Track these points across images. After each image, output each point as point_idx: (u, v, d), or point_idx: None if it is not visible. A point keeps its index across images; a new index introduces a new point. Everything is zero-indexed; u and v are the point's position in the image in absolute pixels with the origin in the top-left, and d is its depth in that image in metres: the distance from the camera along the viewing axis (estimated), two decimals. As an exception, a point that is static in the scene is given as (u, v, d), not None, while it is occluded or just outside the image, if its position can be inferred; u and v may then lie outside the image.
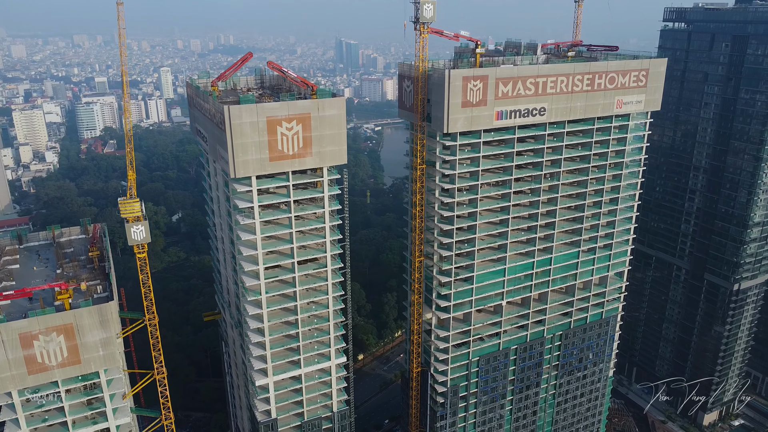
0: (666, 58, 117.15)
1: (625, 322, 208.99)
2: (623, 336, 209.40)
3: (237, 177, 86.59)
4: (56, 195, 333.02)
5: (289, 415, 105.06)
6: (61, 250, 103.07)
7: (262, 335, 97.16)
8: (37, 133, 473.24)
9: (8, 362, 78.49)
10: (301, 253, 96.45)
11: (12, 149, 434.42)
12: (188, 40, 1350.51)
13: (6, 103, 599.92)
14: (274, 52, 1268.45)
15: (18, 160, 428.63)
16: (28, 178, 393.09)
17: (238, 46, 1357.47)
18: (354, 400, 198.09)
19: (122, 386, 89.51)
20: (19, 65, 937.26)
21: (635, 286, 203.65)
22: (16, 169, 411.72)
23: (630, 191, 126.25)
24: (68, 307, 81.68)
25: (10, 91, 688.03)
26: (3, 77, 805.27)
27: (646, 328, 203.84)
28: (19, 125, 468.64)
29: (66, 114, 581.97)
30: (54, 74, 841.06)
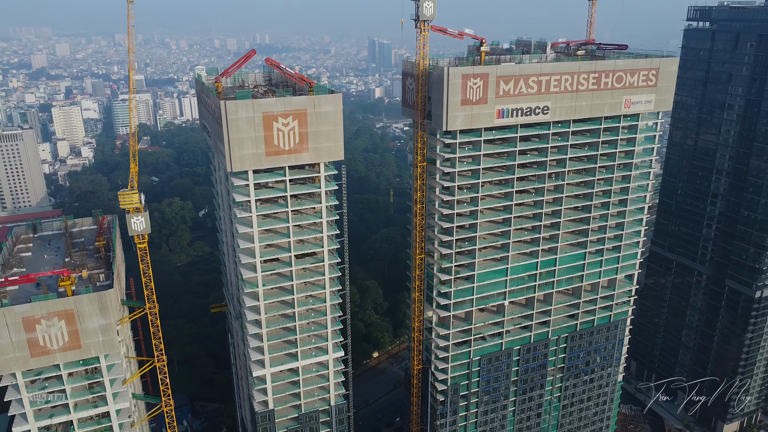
0: (677, 57, 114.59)
1: (644, 328, 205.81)
2: (642, 342, 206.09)
3: (234, 171, 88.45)
4: (88, 189, 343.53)
5: (286, 406, 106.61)
6: (72, 240, 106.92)
7: (260, 327, 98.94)
8: (75, 129, 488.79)
9: (12, 344, 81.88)
10: (299, 247, 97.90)
11: (50, 144, 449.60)
12: (225, 40, 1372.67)
13: (48, 100, 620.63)
14: (308, 51, 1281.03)
15: (55, 154, 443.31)
16: (64, 172, 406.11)
17: (274, 45, 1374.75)
18: (367, 398, 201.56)
19: (122, 372, 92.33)
20: (62, 63, 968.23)
21: (655, 291, 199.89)
22: (53, 163, 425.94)
23: (640, 193, 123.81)
24: (70, 293, 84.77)
25: (52, 87, 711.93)
26: (47, 75, 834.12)
27: (665, 334, 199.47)
28: (58, 121, 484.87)
29: (103, 111, 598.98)
30: (95, 72, 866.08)
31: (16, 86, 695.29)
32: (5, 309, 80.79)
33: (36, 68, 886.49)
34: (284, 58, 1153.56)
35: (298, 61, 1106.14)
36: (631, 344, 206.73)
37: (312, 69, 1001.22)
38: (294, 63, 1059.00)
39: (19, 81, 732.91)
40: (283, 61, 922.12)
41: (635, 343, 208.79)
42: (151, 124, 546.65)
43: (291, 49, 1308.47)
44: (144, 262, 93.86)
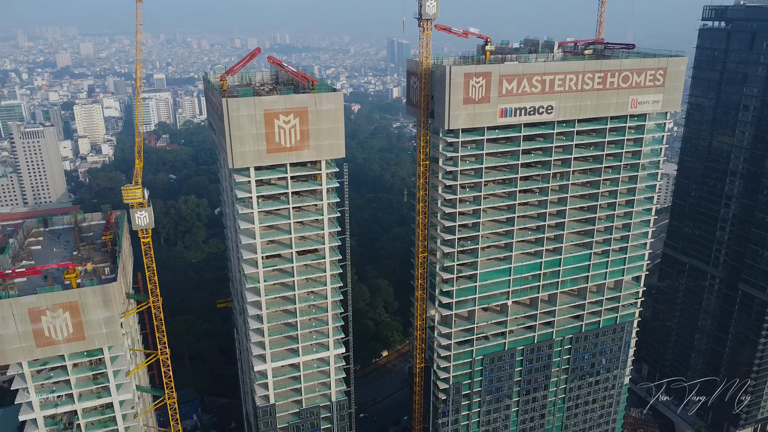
0: (686, 57, 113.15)
1: (656, 331, 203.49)
2: (654, 345, 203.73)
3: (235, 168, 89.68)
4: (107, 185, 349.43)
5: (287, 401, 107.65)
6: (81, 234, 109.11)
7: (261, 322, 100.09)
8: (96, 127, 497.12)
9: (18, 335, 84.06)
10: (300, 243, 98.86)
11: (72, 141, 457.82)
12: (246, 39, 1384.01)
13: (71, 98, 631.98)
14: (327, 51, 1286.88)
15: (77, 151, 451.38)
16: (84, 169, 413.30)
17: (293, 45, 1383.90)
18: (375, 396, 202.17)
19: (126, 364, 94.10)
20: (86, 62, 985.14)
21: (667, 294, 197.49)
22: (74, 160, 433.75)
23: (648, 194, 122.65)
24: (75, 285, 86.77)
25: (75, 86, 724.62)
26: (71, 73, 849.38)
27: (677, 337, 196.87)
28: (79, 119, 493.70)
29: (125, 109, 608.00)
30: (117, 71, 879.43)
31: (41, 84, 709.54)
32: (12, 300, 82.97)
33: (60, 67, 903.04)
34: (303, 57, 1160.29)
35: (317, 60, 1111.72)
36: (642, 347, 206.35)
37: (331, 69, 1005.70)
38: (313, 63, 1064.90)
39: (44, 79, 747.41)
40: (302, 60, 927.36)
41: (647, 347, 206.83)
42: (171, 123, 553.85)
43: (311, 49, 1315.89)
44: (148, 256, 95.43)
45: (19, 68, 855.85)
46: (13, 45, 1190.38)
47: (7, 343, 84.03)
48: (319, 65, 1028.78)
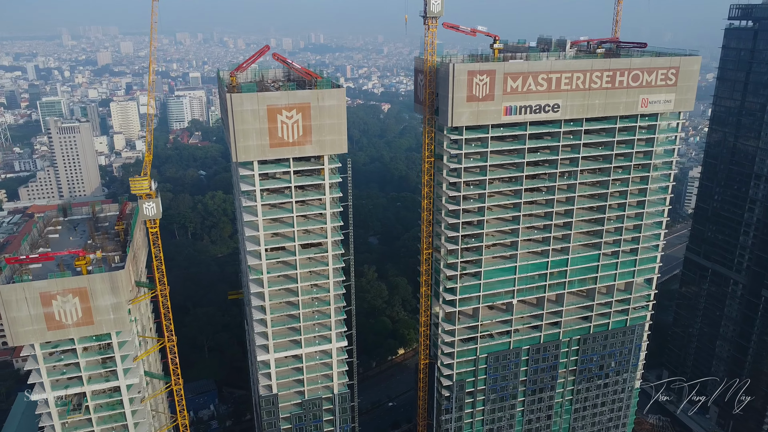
0: (699, 56, 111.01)
1: (677, 337, 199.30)
2: (675, 351, 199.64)
3: (239, 161, 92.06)
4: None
5: (290, 392, 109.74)
6: (96, 224, 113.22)
7: (264, 313, 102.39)
8: (131, 123, 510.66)
9: (30, 317, 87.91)
10: (303, 237, 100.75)
11: (107, 137, 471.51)
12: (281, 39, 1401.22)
13: (109, 95, 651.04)
14: (361, 51, 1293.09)
15: (112, 147, 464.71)
16: (118, 164, 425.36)
17: (328, 44, 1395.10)
18: (390, 393, 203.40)
19: (133, 349, 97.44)
20: (126, 60, 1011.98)
21: (689, 299, 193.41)
22: (109, 155, 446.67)
23: (660, 194, 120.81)
24: (85, 272, 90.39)
25: (114, 84, 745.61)
26: (110, 71, 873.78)
27: (698, 344, 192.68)
28: (115, 115, 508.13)
29: (160, 106, 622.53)
30: (156, 69, 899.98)
31: (81, 82, 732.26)
32: (25, 284, 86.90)
33: (101, 65, 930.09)
34: (337, 57, 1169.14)
35: (350, 60, 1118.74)
36: (663, 353, 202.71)
37: (363, 68, 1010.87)
38: (346, 62, 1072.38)
39: (84, 77, 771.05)
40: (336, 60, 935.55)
41: (668, 352, 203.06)
42: (204, 120, 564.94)
43: (345, 49, 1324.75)
44: (156, 246, 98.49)
45: (62, 66, 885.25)
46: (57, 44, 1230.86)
47: (20, 325, 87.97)
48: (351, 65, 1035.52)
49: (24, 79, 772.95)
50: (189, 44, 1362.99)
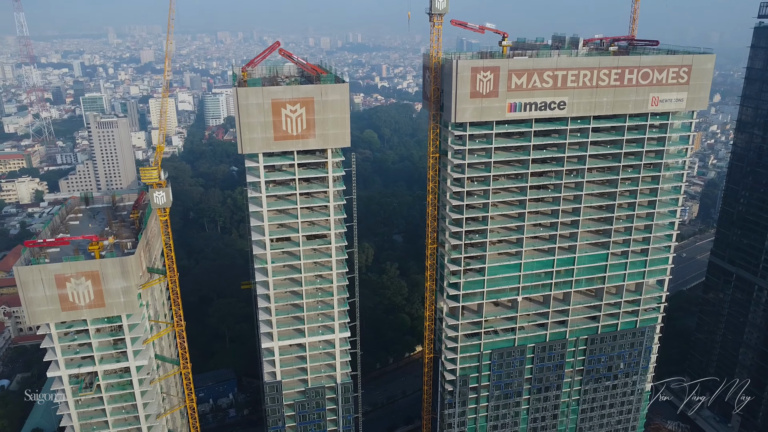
0: (714, 54, 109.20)
1: (699, 344, 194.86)
2: (697, 358, 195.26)
3: (244, 153, 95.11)
4: (172, 174, 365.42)
5: (294, 380, 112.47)
6: (116, 212, 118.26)
7: (269, 301, 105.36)
8: (168, 119, 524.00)
9: (46, 298, 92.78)
10: (306, 228, 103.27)
11: (146, 132, 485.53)
12: (319, 38, 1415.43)
13: (150, 92, 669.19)
14: (398, 50, 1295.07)
15: (150, 142, 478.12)
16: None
17: (365, 44, 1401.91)
18: (406, 389, 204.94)
19: (143, 332, 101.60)
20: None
21: (712, 305, 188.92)
22: (146, 150, 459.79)
23: (672, 195, 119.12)
24: (98, 256, 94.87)
25: (155, 81, 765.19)
26: (152, 69, 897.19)
27: (721, 350, 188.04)
28: (153, 111, 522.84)
29: (197, 103, 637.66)
30: (195, 67, 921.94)
31: (124, 79, 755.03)
32: (41, 266, 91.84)
33: (144, 63, 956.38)
34: (374, 56, 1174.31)
35: (386, 59, 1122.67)
36: (685, 359, 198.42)
37: (399, 68, 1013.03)
38: (382, 62, 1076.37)
39: (127, 74, 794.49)
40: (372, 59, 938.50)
41: (690, 358, 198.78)
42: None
43: (382, 48, 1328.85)
44: (166, 233, 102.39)
45: (106, 63, 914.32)
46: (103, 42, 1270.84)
47: (36, 305, 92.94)
48: (387, 64, 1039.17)
49: (70, 76, 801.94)
50: (229, 43, 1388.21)
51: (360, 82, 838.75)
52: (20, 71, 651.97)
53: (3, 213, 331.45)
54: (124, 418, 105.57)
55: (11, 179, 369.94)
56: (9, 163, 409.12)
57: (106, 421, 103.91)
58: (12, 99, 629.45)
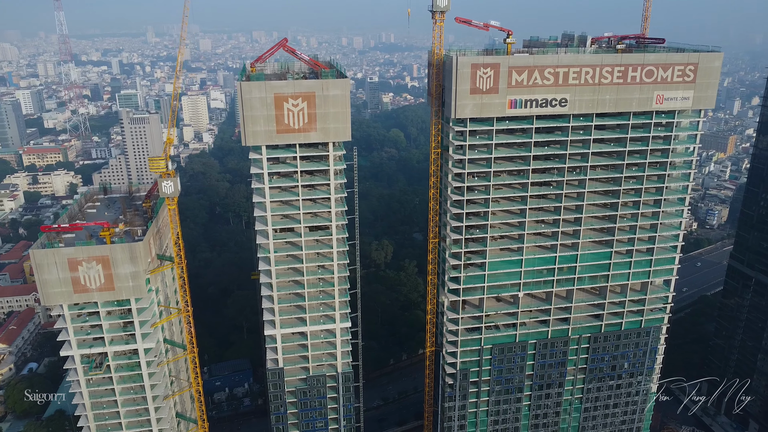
0: (721, 52, 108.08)
1: (718, 349, 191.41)
2: (715, 363, 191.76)
3: (248, 145, 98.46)
4: (200, 170, 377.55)
5: (295, 367, 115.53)
6: (131, 202, 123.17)
7: (271, 290, 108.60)
8: (200, 117, 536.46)
9: (59, 280, 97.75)
10: (310, 219, 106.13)
11: (177, 129, 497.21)
12: (352, 38, 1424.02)
13: (185, 90, 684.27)
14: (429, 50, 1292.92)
15: (181, 138, 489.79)
16: (185, 155, 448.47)
17: (397, 44, 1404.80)
18: (417, 385, 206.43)
19: (151, 316, 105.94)
20: (203, 57, 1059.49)
21: (731, 310, 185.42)
22: (177, 146, 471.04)
23: (679, 194, 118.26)
24: (109, 242, 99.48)
25: (190, 79, 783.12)
26: (188, 67, 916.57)
27: (740, 356, 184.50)
28: (186, 109, 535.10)
29: (230, 101, 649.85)
30: (230, 66, 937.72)
31: (160, 77, 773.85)
32: (54, 249, 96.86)
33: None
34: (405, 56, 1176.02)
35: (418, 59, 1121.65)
36: (704, 364, 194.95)
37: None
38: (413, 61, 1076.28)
39: (163, 72, 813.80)
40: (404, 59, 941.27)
41: (708, 363, 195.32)
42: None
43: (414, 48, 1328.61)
44: (174, 222, 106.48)
45: (144, 61, 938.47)
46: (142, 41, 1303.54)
47: (50, 287, 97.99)
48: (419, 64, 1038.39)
49: (108, 74, 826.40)
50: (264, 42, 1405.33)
51: (390, 81, 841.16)
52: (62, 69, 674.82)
53: (39, 204, 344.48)
54: (132, 398, 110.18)
55: (48, 172, 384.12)
56: (46, 156, 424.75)
57: (115, 400, 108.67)
58: (53, 95, 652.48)
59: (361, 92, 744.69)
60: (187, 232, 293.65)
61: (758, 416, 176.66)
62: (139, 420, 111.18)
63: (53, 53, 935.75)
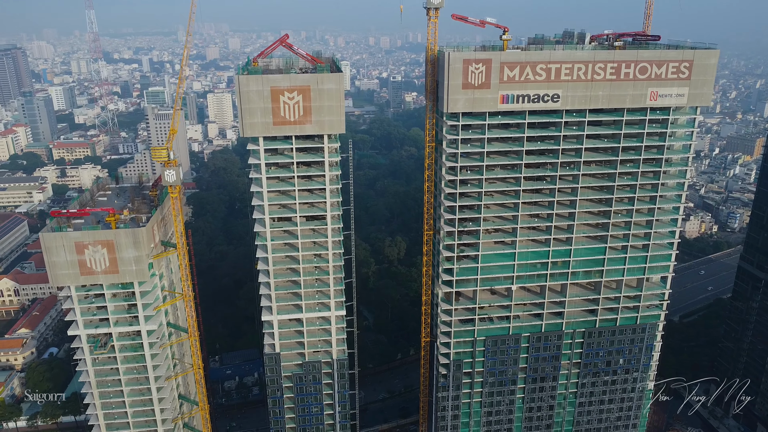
0: (717, 50, 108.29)
1: (727, 351, 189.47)
2: (724, 365, 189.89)
3: (245, 136, 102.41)
4: (222, 165, 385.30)
5: (292, 352, 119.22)
6: (141, 191, 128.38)
7: (268, 276, 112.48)
8: (225, 113, 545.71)
9: (67, 262, 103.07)
10: (306, 209, 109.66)
11: (203, 126, 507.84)
12: (379, 38, 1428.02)
13: (212, 88, 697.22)
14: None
15: (206, 135, 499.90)
16: (209, 151, 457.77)
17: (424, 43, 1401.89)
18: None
19: (153, 299, 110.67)
20: (232, 56, 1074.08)
21: (740, 312, 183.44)
22: (202, 143, 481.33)
23: (675, 191, 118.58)
24: (114, 227, 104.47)
25: (218, 77, 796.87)
26: (216, 66, 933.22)
27: (748, 359, 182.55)
28: (211, 106, 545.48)
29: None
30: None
31: (188, 75, 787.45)
32: (63, 233, 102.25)
33: (209, 60, 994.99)
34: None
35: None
36: (713, 366, 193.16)
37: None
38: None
39: (192, 70, 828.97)
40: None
41: (717, 365, 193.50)
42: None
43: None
44: (176, 209, 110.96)
45: (173, 60, 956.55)
46: (173, 39, 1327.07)
47: (59, 269, 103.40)
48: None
49: (139, 71, 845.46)
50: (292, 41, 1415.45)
51: (415, 81, 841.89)
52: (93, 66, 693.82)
53: (66, 197, 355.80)
54: (135, 377, 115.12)
55: (75, 166, 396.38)
56: (75, 151, 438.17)
57: (119, 379, 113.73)
58: (84, 92, 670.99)
59: (384, 91, 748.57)
60: (205, 226, 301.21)
61: (766, 419, 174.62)
62: (141, 399, 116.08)
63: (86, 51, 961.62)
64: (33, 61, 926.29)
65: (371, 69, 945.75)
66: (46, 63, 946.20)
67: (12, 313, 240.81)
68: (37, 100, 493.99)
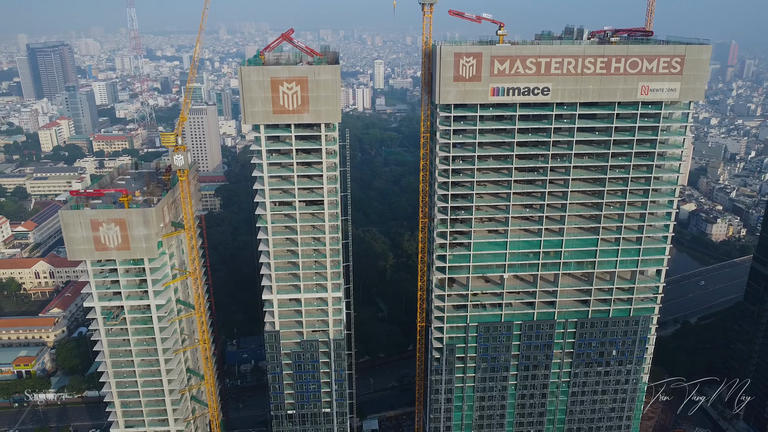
0: (710, 45, 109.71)
1: (738, 353, 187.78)
2: (735, 367, 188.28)
3: (247, 124, 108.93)
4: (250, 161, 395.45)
5: (291, 331, 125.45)
6: (158, 176, 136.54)
7: (269, 257, 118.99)
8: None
9: (83, 238, 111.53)
10: (305, 194, 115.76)
11: (236, 121, 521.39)
12: (416, 37, 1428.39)
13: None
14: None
15: (239, 130, 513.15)
16: (241, 146, 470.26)
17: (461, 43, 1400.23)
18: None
19: (162, 275, 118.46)
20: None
21: (752, 313, 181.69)
22: (235, 138, 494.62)
23: (669, 185, 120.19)
24: (126, 207, 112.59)
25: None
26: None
27: (759, 361, 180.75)
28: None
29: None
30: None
31: (227, 72, 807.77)
32: (79, 211, 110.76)
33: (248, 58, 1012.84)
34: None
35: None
36: (724, 368, 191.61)
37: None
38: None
39: (230, 68, 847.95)
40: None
41: (728, 366, 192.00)
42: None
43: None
44: (185, 192, 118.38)
45: (213, 57, 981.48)
46: (214, 38, 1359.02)
47: (76, 244, 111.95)
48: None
49: (179, 68, 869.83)
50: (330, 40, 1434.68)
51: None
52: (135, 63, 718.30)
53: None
54: (145, 349, 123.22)
55: (113, 158, 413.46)
56: (114, 143, 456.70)
57: (130, 350, 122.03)
58: (126, 87, 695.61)
59: (417, 90, 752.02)
60: (231, 216, 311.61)
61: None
62: (150, 370, 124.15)
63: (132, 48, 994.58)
64: (80, 57, 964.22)
65: (406, 68, 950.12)
66: (92, 59, 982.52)
67: (47, 294, 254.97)
68: (80, 94, 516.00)
